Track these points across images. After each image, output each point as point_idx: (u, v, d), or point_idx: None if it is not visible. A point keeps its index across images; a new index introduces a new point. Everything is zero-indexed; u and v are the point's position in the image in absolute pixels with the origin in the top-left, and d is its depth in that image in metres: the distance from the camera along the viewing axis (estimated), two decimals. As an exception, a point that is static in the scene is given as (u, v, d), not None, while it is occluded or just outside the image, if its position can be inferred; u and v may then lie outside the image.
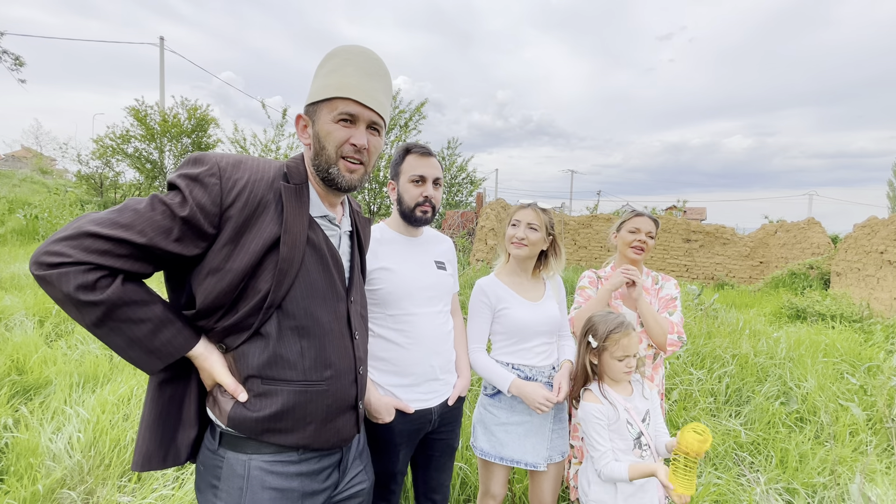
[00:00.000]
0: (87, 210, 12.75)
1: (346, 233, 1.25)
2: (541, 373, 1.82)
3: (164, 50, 18.57)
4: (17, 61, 15.67)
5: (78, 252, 0.88)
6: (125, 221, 0.92)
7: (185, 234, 0.96)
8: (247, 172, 1.03)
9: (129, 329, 0.93)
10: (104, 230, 0.89)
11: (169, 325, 0.98)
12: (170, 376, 1.05)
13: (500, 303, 1.83)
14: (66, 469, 2.26)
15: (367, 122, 1.12)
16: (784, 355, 4.42)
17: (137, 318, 0.93)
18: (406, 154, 1.66)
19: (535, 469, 1.80)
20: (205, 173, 0.98)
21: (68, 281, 0.87)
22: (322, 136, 1.09)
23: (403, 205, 1.63)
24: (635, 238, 2.10)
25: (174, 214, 0.95)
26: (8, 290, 5.55)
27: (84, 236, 0.89)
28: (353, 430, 1.19)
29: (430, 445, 1.70)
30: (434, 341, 1.63)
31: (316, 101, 1.10)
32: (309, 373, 1.07)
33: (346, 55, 1.12)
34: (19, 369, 3.44)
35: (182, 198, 0.96)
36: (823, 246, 12.16)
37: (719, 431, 3.10)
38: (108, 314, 0.91)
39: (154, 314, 0.96)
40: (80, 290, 0.87)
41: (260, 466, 1.04)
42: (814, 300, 8.01)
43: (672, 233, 14.03)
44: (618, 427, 1.68)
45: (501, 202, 13.15)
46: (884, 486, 2.55)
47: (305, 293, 1.08)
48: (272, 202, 1.04)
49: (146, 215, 0.93)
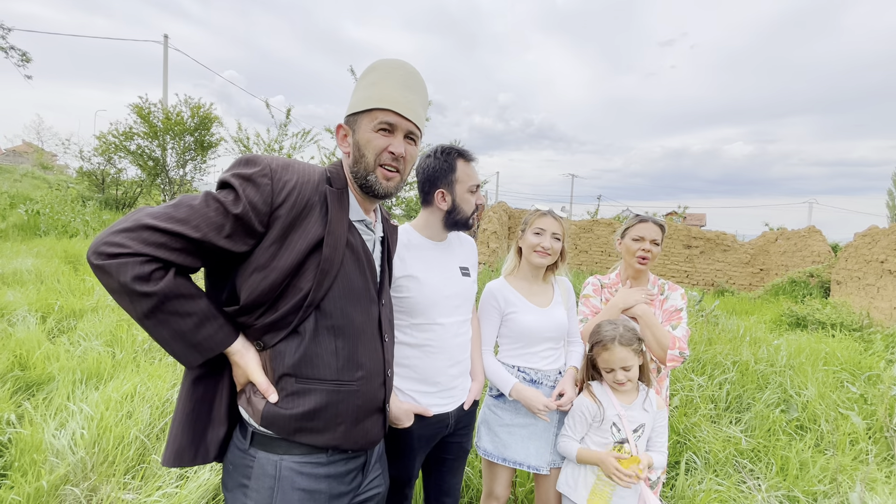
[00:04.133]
0: (88, 206, 12.74)
1: (379, 238, 1.29)
2: (546, 377, 1.84)
3: (167, 48, 18.61)
4: (23, 57, 15.68)
5: (136, 244, 0.91)
6: (181, 216, 0.95)
7: (237, 230, 1.00)
8: (295, 175, 1.08)
9: (176, 322, 0.96)
10: (162, 223, 0.93)
11: (212, 321, 1.01)
12: (203, 373, 1.08)
13: (508, 307, 1.84)
14: (69, 466, 2.26)
15: (405, 131, 1.17)
16: (784, 363, 4.43)
17: (185, 312, 0.96)
18: (457, 159, 1.59)
19: (538, 472, 1.81)
20: (258, 174, 1.02)
21: (126, 271, 0.90)
22: (362, 145, 1.14)
23: (460, 214, 1.60)
24: (640, 247, 2.00)
25: (227, 211, 0.99)
26: (10, 286, 5.55)
27: (142, 229, 0.92)
28: (380, 432, 1.21)
29: (445, 449, 1.71)
30: (455, 351, 1.63)
31: (356, 111, 1.15)
32: (342, 373, 1.10)
33: (386, 69, 1.17)
34: (22, 365, 3.44)
35: (235, 196, 1.00)
36: (824, 254, 12.18)
37: (720, 438, 3.10)
38: (160, 306, 0.93)
39: (200, 309, 0.99)
40: (136, 281, 0.90)
41: (290, 467, 1.06)
42: (814, 308, 8.02)
43: (673, 239, 14.05)
44: (601, 426, 1.75)
45: (503, 205, 13.17)
46: (884, 495, 2.56)
47: (343, 294, 1.11)
48: (317, 204, 1.09)
49: (201, 211, 0.97)
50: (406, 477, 1.60)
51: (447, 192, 1.59)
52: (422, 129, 1.22)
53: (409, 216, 12.81)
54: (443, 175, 1.59)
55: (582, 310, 2.08)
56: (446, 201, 1.60)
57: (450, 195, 1.59)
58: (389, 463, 1.59)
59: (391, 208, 13.41)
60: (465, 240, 1.83)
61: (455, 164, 1.59)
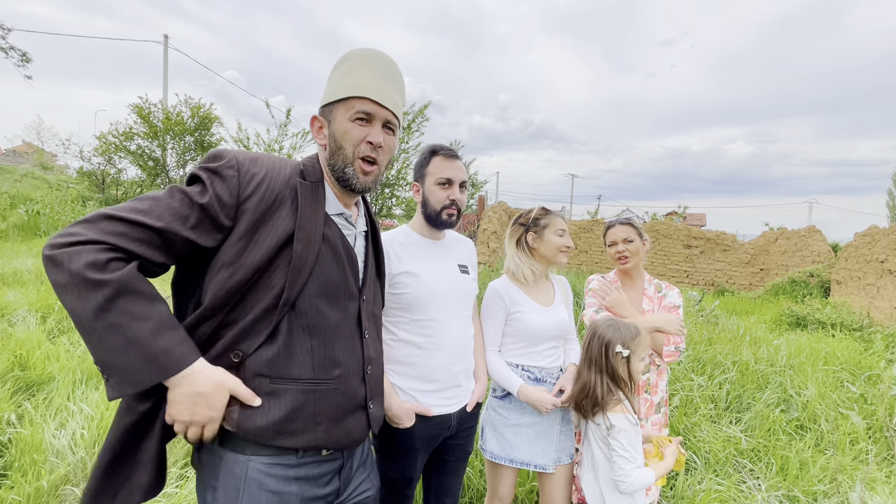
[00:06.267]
0: (88, 206, 12.74)
1: (362, 232, 1.26)
2: (549, 374, 1.85)
3: (167, 48, 18.62)
4: (23, 57, 15.69)
5: (93, 232, 0.86)
6: (143, 207, 0.93)
7: (201, 221, 0.97)
8: (264, 168, 1.05)
9: (130, 326, 0.85)
10: (121, 213, 0.90)
11: (173, 330, 0.91)
12: (136, 405, 0.96)
13: (514, 306, 1.84)
14: (69, 466, 2.26)
15: (383, 120, 1.14)
16: (784, 363, 4.43)
17: (141, 315, 0.87)
18: (432, 156, 1.63)
19: (544, 471, 1.80)
20: (223, 166, 1.01)
21: (79, 258, 0.83)
22: (339, 136, 1.11)
23: (429, 208, 1.61)
24: (615, 251, 2.13)
25: (192, 202, 0.97)
26: (11, 286, 5.55)
27: (101, 219, 0.88)
28: (364, 430, 1.18)
29: (446, 450, 1.70)
30: (457, 347, 1.63)
31: (332, 101, 1.12)
32: (318, 371, 1.07)
33: (360, 58, 1.14)
34: (22, 365, 3.44)
35: (203, 187, 0.99)
36: (824, 254, 12.18)
37: (720, 438, 3.10)
38: (113, 299, 0.84)
39: (160, 313, 0.90)
40: (89, 268, 0.83)
41: (258, 468, 1.01)
42: (814, 308, 8.02)
43: (673, 239, 14.05)
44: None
45: (503, 205, 13.17)
46: (884, 495, 2.56)
47: (319, 291, 1.08)
48: (288, 198, 1.05)
49: (165, 202, 0.95)
50: (407, 478, 1.59)
51: (420, 186, 1.65)
52: (400, 119, 1.18)
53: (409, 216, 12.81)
54: (418, 169, 1.66)
55: (590, 301, 2.14)
56: (419, 194, 1.65)
57: (421, 188, 1.64)
58: (390, 463, 1.58)
59: (391, 209, 13.41)
60: (464, 241, 1.84)
61: (429, 159, 1.63)
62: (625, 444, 1.61)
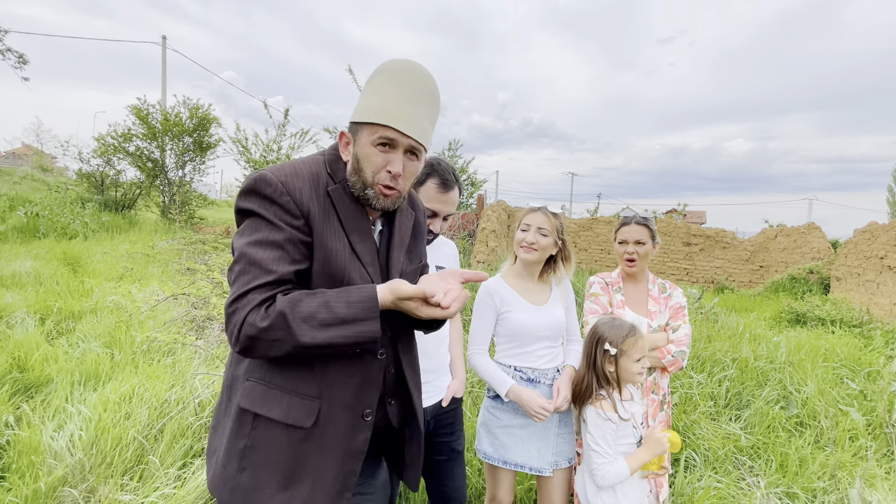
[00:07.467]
0: (87, 208, 12.73)
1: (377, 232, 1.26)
2: (544, 375, 1.82)
3: (166, 49, 18.60)
4: (20, 59, 15.66)
5: (243, 311, 0.99)
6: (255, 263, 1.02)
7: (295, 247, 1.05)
8: (304, 181, 1.09)
9: (320, 311, 0.98)
10: (248, 287, 1.00)
11: (336, 288, 1.04)
12: None
13: (503, 305, 1.82)
14: (67, 467, 2.26)
15: (406, 147, 1.11)
16: (784, 360, 4.42)
17: (317, 301, 0.99)
18: (427, 178, 1.62)
19: (541, 474, 1.78)
20: (275, 192, 1.05)
21: (253, 324, 0.97)
22: (360, 159, 1.10)
23: None
24: (624, 250, 2.05)
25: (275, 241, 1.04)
26: (9, 288, 5.55)
27: (240, 297, 1.01)
28: None
29: (433, 449, 1.70)
30: (427, 346, 1.61)
31: (358, 121, 1.11)
32: None
33: (393, 72, 1.10)
34: (20, 367, 3.44)
35: (271, 225, 1.05)
36: (823, 251, 12.17)
37: (719, 435, 3.10)
38: (287, 317, 0.96)
39: (318, 290, 1.03)
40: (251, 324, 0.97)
41: None
42: (814, 305, 8.02)
43: (672, 236, 14.04)
44: (623, 432, 1.69)
45: (502, 204, 13.16)
46: (883, 492, 2.55)
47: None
48: (328, 207, 1.11)
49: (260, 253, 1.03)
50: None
51: None
52: (427, 145, 1.15)
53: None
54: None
55: (593, 307, 2.10)
56: None
57: None
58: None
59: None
60: (444, 243, 1.84)
61: (424, 181, 1.65)
62: (596, 438, 1.64)
